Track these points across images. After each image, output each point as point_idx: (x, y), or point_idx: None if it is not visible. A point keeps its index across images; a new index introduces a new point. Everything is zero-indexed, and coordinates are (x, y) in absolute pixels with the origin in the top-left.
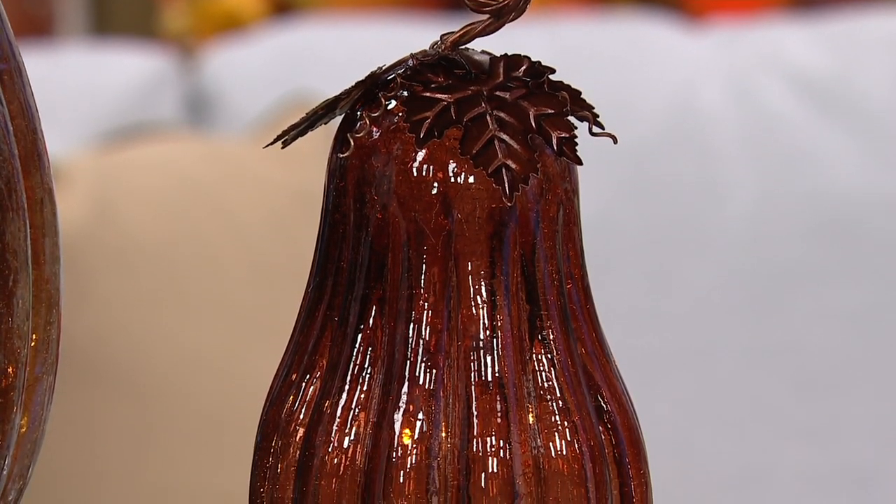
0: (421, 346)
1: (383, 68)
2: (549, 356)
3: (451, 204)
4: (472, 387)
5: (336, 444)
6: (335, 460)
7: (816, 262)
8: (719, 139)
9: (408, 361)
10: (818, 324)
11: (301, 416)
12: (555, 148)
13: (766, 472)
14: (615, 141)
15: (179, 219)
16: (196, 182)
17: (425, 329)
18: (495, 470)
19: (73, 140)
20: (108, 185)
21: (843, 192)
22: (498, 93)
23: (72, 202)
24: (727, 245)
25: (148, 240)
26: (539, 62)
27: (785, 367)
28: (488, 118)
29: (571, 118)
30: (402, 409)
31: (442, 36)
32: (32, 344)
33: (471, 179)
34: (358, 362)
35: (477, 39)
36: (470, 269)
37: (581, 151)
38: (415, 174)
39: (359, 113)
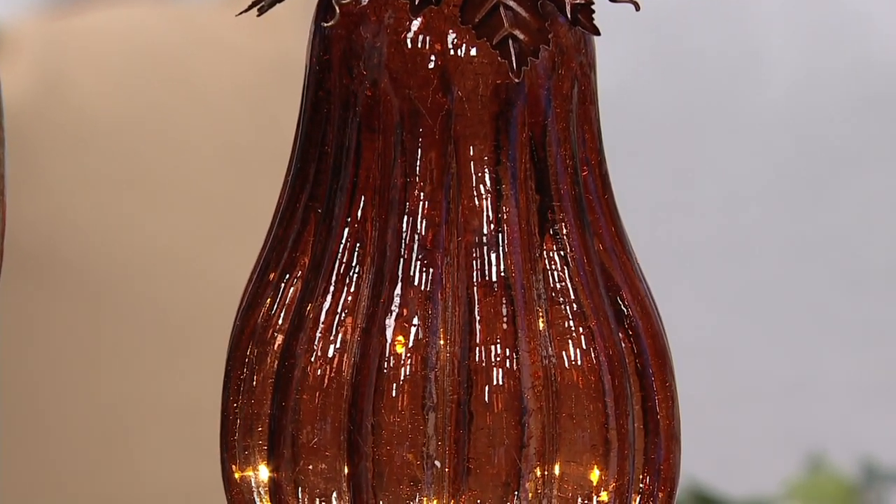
0: (416, 241)
1: None
2: (562, 253)
3: (451, 80)
4: (475, 288)
5: (319, 354)
6: (318, 371)
7: (867, 143)
8: (756, 2)
9: (401, 259)
10: (868, 212)
11: (280, 322)
12: (568, 16)
13: (810, 381)
14: (637, 7)
15: (139, 92)
16: (159, 51)
17: (421, 222)
18: (501, 382)
19: (17, 3)
20: (58, 54)
21: None
22: None
23: (17, 73)
24: (766, 125)
25: (103, 116)
26: None
27: (831, 262)
28: None
29: None
30: (394, 314)
31: None
32: None
33: (472, 52)
34: (344, 260)
35: None
36: (472, 154)
37: (598, 19)
38: (409, 46)
39: None
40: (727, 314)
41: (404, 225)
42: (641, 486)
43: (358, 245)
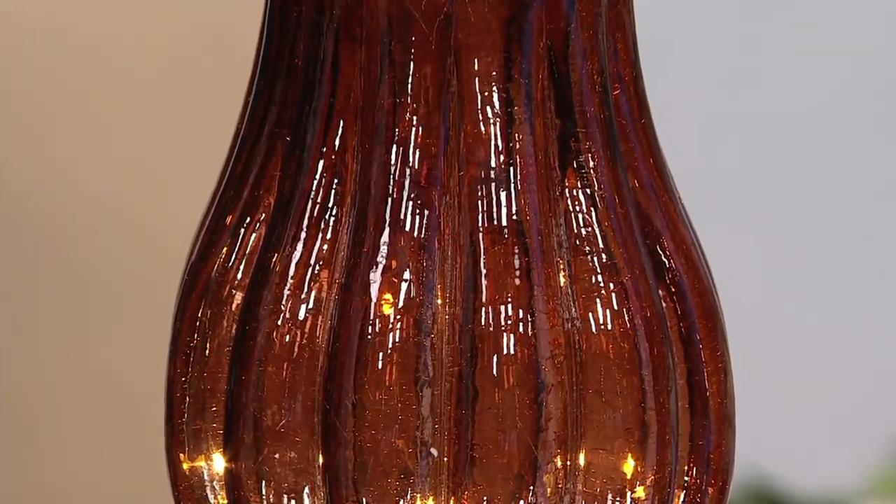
0: (408, 177)
1: None
2: (589, 191)
3: None
4: (480, 234)
5: (288, 316)
6: (286, 338)
7: None
8: None
9: (389, 199)
10: None
11: (238, 276)
12: None
13: None
14: None
15: None
16: None
17: (414, 153)
18: (512, 351)
19: None
20: None
21: None
22: None
23: None
24: (841, 50)
25: (19, 20)
26: None
27: None
28: None
29: None
30: (380, 266)
31: None
32: None
33: None
34: (319, 200)
35: None
36: (477, 68)
37: None
38: None
39: None
40: (796, 269)
41: (393, 156)
42: (686, 479)
43: (335, 181)
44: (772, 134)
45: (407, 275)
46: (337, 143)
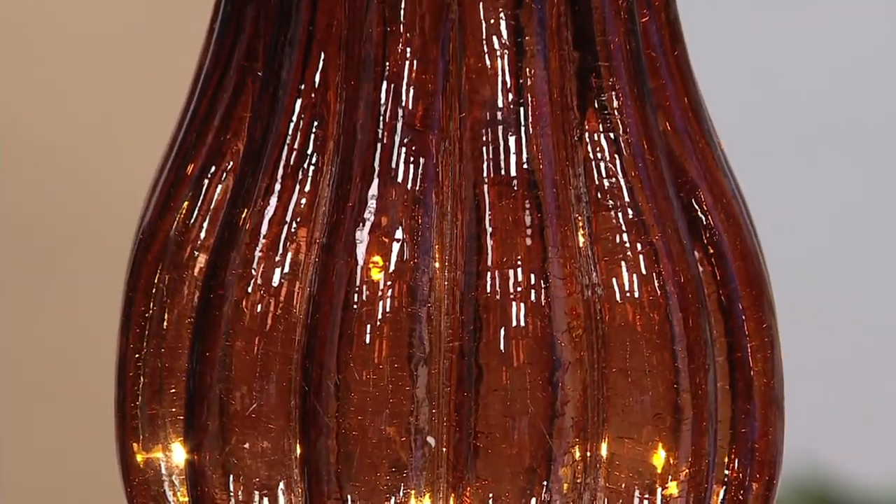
0: (400, 119)
1: None
2: (612, 136)
3: None
4: (485, 187)
5: (260, 282)
6: (258, 308)
7: None
8: None
9: (378, 144)
10: None
11: (202, 235)
12: None
13: None
14: None
15: None
16: None
17: (407, 91)
18: (522, 323)
19: None
20: None
21: None
22: None
23: None
24: None
25: None
26: None
27: None
28: None
29: None
30: (367, 224)
31: None
32: None
33: None
34: (296, 146)
35: None
36: None
37: None
38: None
39: None
40: (858, 227)
41: (382, 95)
42: (727, 473)
43: (316, 124)
44: (832, 61)
45: (399, 233)
46: (317, 78)
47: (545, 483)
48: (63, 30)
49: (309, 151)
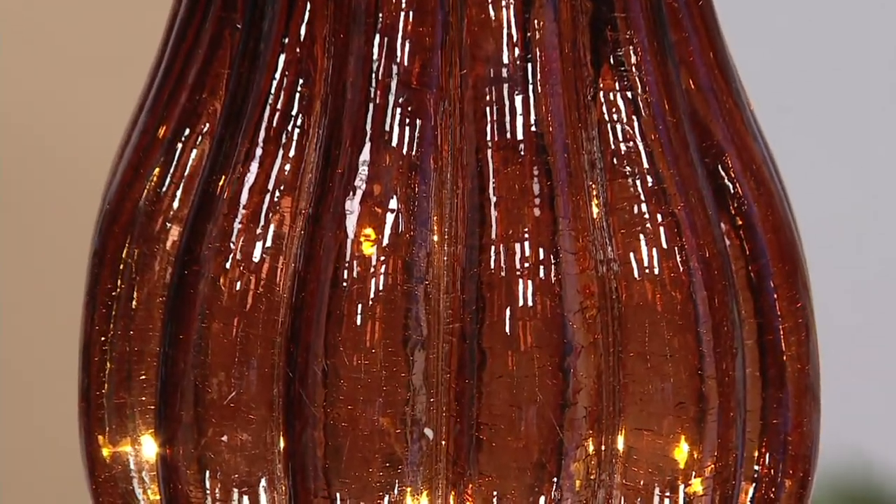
0: (394, 76)
1: None
2: (630, 94)
3: None
4: (488, 151)
5: (239, 257)
6: (237, 285)
7: None
8: None
9: (370, 104)
10: None
11: (175, 205)
12: None
13: None
14: None
15: None
16: None
17: (402, 45)
18: (530, 303)
19: None
20: None
21: None
22: None
23: None
24: None
25: None
26: None
27: None
28: None
29: None
30: (359, 193)
31: None
32: None
33: None
34: (279, 107)
35: None
36: None
37: None
38: None
39: None
40: None
41: (375, 50)
42: (756, 468)
43: (301, 82)
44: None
45: (393, 203)
46: (302, 31)
47: (555, 480)
48: (63, 29)
49: (293, 112)
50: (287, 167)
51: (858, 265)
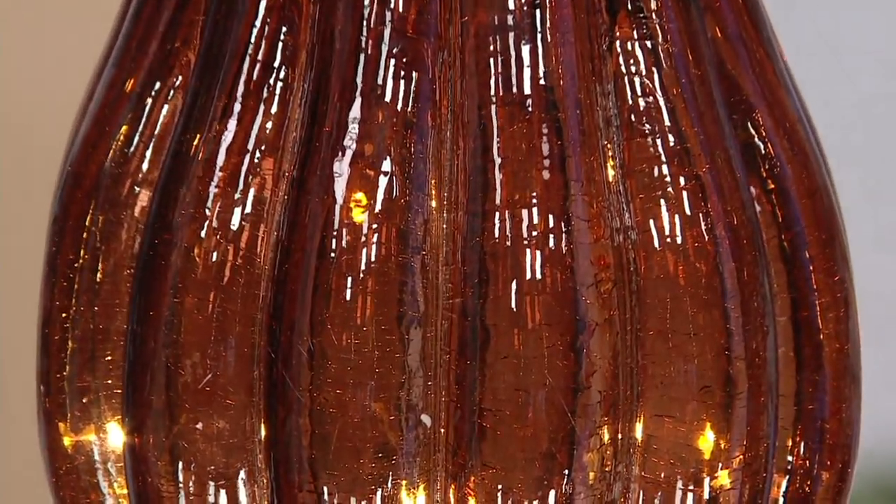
0: (387, 24)
1: None
2: (650, 44)
3: None
4: (492, 107)
5: (216, 225)
6: (213, 256)
7: None
8: None
9: (361, 55)
10: None
11: (144, 167)
12: None
13: None
14: None
15: None
16: None
17: None
18: (539, 275)
19: None
20: None
21: None
22: None
23: None
24: None
25: None
26: None
27: None
28: None
29: None
30: (349, 153)
31: None
32: None
33: None
34: (260, 57)
35: None
36: None
37: None
38: None
39: None
40: None
41: None
42: (790, 459)
43: (284, 30)
44: None
45: (387, 165)
46: None
47: (566, 472)
48: (63, 29)
49: (276, 64)
50: (269, 125)
51: None
